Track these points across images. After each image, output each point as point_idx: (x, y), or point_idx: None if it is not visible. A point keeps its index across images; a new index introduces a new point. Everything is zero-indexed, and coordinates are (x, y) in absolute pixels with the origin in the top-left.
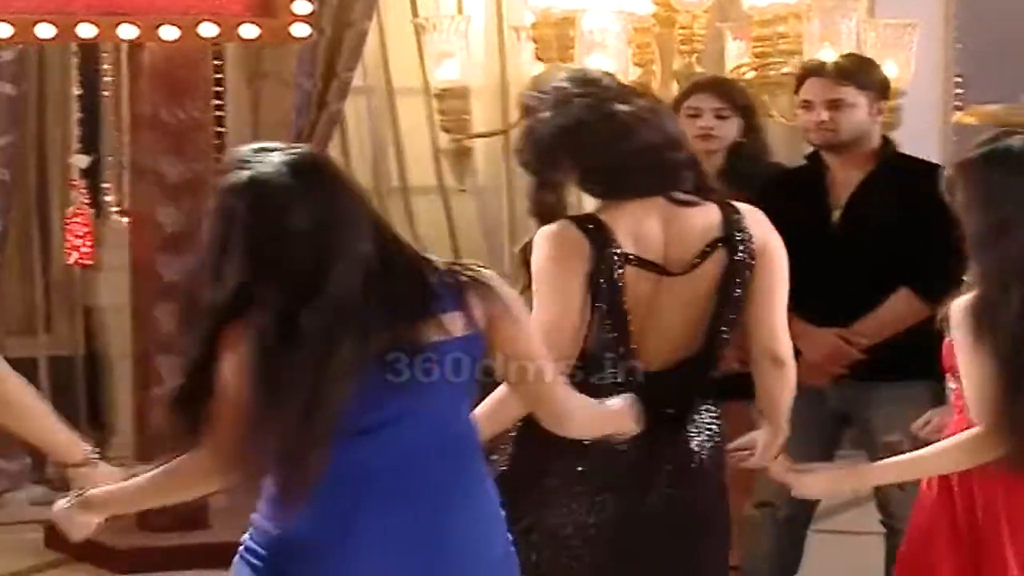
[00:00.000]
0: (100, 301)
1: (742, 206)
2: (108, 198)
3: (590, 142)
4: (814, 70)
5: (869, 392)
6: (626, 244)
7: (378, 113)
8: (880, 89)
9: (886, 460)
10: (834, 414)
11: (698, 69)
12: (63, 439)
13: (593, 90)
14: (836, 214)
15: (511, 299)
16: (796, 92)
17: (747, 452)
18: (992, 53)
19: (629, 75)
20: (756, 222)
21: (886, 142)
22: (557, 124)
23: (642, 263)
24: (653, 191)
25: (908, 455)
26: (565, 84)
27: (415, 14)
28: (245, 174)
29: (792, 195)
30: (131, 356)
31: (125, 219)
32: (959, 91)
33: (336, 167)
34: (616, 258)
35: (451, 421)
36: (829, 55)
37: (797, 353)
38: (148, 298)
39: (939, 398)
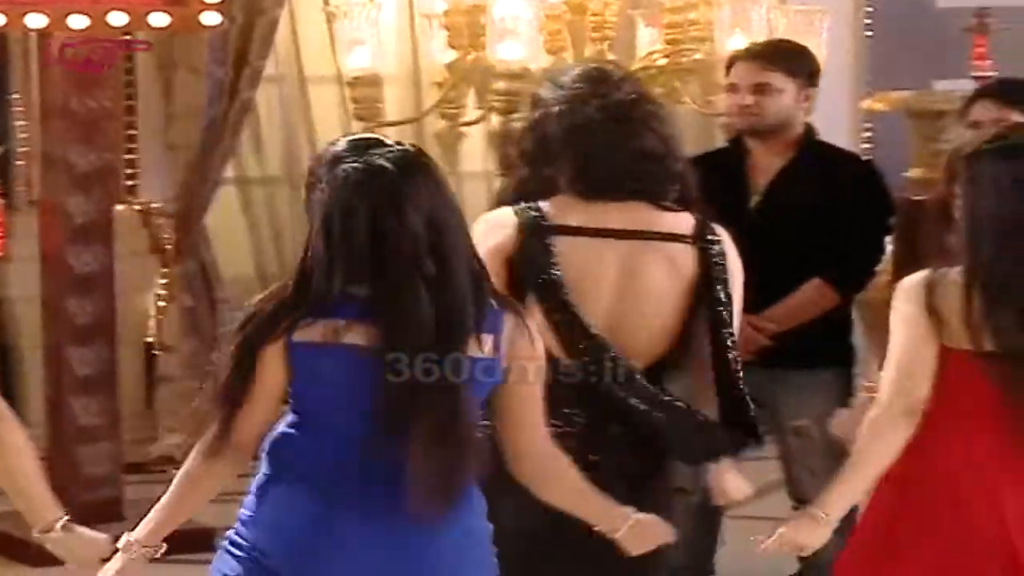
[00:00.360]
0: (10, 292)
1: (715, 226)
2: (19, 188)
3: (597, 143)
4: (743, 54)
5: (777, 378)
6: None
7: (290, 101)
8: (809, 76)
9: (835, 488)
10: None
11: (609, 56)
12: (39, 503)
13: (605, 90)
14: (755, 200)
15: (537, 343)
16: (727, 75)
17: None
18: (902, 40)
19: (541, 63)
20: (724, 236)
21: (808, 130)
22: (567, 122)
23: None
24: (637, 196)
25: (847, 474)
26: (579, 82)
27: (326, 2)
28: (361, 169)
29: (709, 178)
30: (42, 348)
31: (34, 208)
32: (869, 78)
33: (438, 167)
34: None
35: None
36: (740, 42)
37: None
38: (59, 289)
39: (847, 386)
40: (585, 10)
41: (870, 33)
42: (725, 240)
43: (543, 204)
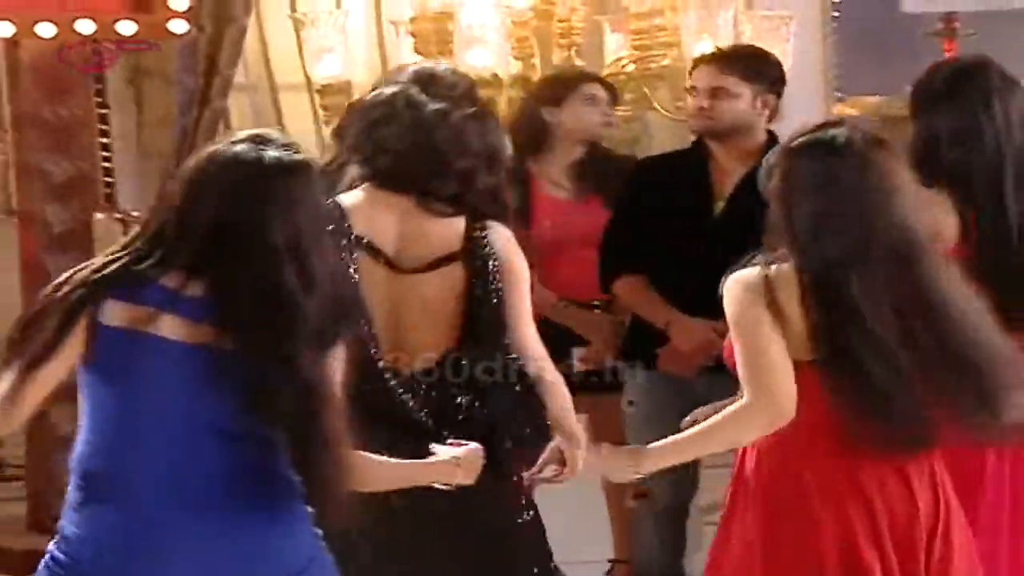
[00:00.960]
0: None
1: (494, 224)
2: None
3: (391, 129)
4: (703, 58)
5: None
6: (359, 228)
7: (262, 109)
8: (770, 83)
9: (663, 441)
10: (701, 402)
11: (577, 62)
12: None
13: (420, 88)
14: (719, 205)
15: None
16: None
17: (555, 472)
18: (871, 45)
19: (509, 69)
20: (502, 240)
21: (771, 137)
22: (370, 104)
23: (373, 251)
24: (410, 189)
25: (683, 435)
26: (402, 78)
27: (293, 9)
28: (232, 160)
29: (673, 180)
30: None
31: (12, 218)
32: (839, 83)
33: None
34: (349, 241)
35: None
36: (707, 47)
37: (667, 340)
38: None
39: None
40: (552, 16)
41: (837, 37)
42: (496, 242)
43: (346, 200)
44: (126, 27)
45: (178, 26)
